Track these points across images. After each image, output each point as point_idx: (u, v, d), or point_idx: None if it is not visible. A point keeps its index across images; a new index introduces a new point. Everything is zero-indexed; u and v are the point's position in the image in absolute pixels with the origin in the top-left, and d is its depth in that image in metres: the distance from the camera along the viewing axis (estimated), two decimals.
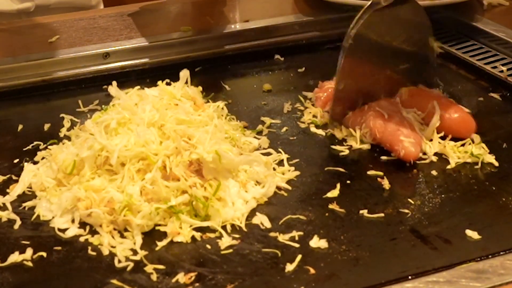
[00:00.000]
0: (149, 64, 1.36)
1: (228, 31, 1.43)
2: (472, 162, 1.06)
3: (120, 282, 0.85)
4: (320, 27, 1.47)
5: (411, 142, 1.05)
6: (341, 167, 1.06)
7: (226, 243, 0.91)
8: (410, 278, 0.84)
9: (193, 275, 0.86)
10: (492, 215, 0.95)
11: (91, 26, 1.44)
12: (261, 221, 0.94)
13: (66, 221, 0.95)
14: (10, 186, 1.02)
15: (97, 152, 0.97)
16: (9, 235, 0.93)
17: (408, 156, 1.04)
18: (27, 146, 1.11)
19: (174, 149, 0.97)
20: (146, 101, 1.04)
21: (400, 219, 0.95)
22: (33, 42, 1.38)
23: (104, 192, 0.94)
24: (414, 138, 1.06)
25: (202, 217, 0.94)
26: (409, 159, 1.04)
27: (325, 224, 0.94)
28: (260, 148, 1.10)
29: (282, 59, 1.41)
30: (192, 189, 0.95)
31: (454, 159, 1.06)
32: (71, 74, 1.32)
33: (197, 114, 1.06)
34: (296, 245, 0.90)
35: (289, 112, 1.21)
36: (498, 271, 0.83)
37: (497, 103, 1.22)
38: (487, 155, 1.06)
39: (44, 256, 0.90)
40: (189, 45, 1.39)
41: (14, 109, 1.26)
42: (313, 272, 0.86)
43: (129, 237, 0.92)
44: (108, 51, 1.34)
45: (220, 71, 1.37)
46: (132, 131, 0.99)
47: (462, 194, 1.00)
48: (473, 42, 1.42)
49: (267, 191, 0.99)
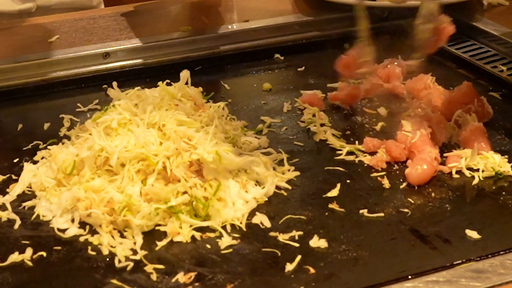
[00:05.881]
0: (149, 64, 1.36)
1: (228, 31, 1.43)
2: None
3: (120, 282, 0.85)
4: (320, 27, 1.47)
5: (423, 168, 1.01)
6: (341, 166, 1.06)
7: (226, 242, 0.91)
8: (410, 278, 0.84)
9: (192, 274, 0.86)
10: (492, 215, 0.95)
11: (91, 26, 1.44)
12: (261, 220, 0.94)
13: (66, 221, 0.95)
14: (10, 186, 1.02)
15: (97, 152, 0.97)
16: (9, 235, 0.93)
17: (416, 181, 1.01)
18: (27, 146, 1.12)
19: (175, 150, 0.97)
20: (146, 102, 1.04)
21: (400, 219, 0.95)
22: (33, 42, 1.38)
23: (104, 193, 0.94)
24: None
25: (202, 217, 0.94)
26: (415, 182, 1.01)
27: (325, 224, 0.94)
28: (260, 147, 1.10)
29: (282, 58, 1.41)
30: (192, 190, 0.95)
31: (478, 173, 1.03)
32: (71, 74, 1.32)
33: (198, 114, 1.06)
34: (296, 244, 0.90)
35: (289, 111, 1.21)
36: (498, 270, 0.83)
37: (497, 103, 1.22)
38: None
39: (44, 256, 0.90)
40: (189, 45, 1.39)
41: (14, 109, 1.26)
42: (313, 271, 0.86)
43: (129, 237, 0.92)
44: (108, 51, 1.35)
45: (219, 71, 1.37)
46: (132, 132, 0.99)
47: (462, 194, 1.00)
48: (473, 42, 1.42)
49: (267, 191, 0.99)
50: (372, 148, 1.08)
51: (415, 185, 1.01)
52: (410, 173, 1.01)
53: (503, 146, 1.09)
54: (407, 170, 1.02)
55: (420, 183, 1.01)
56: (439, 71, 1.28)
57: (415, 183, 1.01)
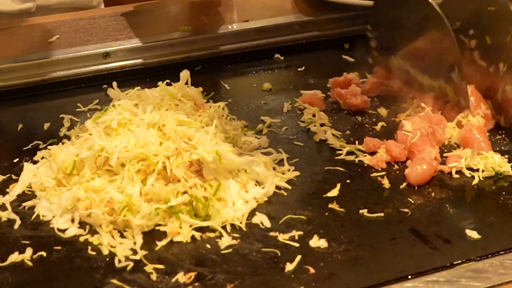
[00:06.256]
0: (149, 63, 1.36)
1: (228, 30, 1.43)
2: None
3: (120, 282, 0.85)
4: (320, 27, 1.47)
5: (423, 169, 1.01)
6: (341, 166, 1.06)
7: (226, 242, 0.91)
8: (410, 278, 0.84)
9: (192, 274, 0.86)
10: (492, 215, 0.95)
11: (91, 26, 1.44)
12: (261, 220, 0.95)
13: (66, 221, 0.95)
14: (10, 186, 1.02)
15: (97, 152, 0.97)
16: (9, 235, 0.93)
17: (416, 181, 1.01)
18: (27, 146, 1.12)
19: (175, 150, 0.97)
20: (146, 102, 1.04)
21: (400, 218, 0.95)
22: (33, 42, 1.38)
23: (104, 193, 0.94)
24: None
25: (202, 217, 0.94)
26: (414, 182, 1.01)
27: (325, 224, 0.94)
28: (260, 147, 1.10)
29: (282, 58, 1.41)
30: (192, 190, 0.95)
31: (477, 173, 1.03)
32: (71, 74, 1.32)
33: (198, 114, 1.06)
34: (296, 244, 0.90)
35: (289, 111, 1.21)
36: (498, 270, 0.83)
37: None
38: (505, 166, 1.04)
39: (44, 256, 0.90)
40: (189, 44, 1.39)
41: (14, 109, 1.26)
42: (312, 271, 0.86)
43: (129, 237, 0.92)
44: (108, 51, 1.35)
45: (220, 71, 1.37)
46: (132, 132, 0.99)
47: (462, 194, 1.00)
48: None
49: (267, 191, 0.99)
50: (372, 148, 1.08)
51: (415, 185, 1.01)
52: (410, 173, 1.01)
53: (503, 146, 1.09)
54: (407, 170, 1.02)
55: (420, 183, 1.01)
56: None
57: (415, 183, 1.01)
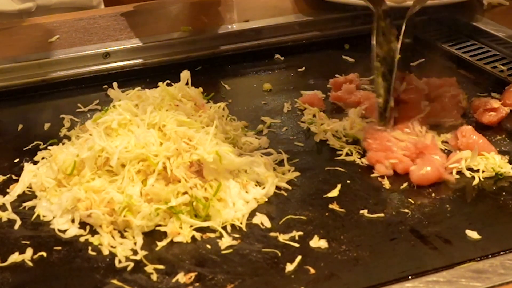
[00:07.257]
0: (149, 64, 1.36)
1: (228, 31, 1.44)
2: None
3: (120, 282, 0.85)
4: (320, 27, 1.47)
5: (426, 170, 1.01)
6: (341, 167, 1.06)
7: (226, 243, 0.91)
8: (410, 278, 0.84)
9: (193, 275, 0.86)
10: (492, 215, 0.95)
11: (91, 26, 1.44)
12: (261, 221, 0.95)
13: (66, 221, 0.95)
14: (10, 186, 1.02)
15: (97, 153, 0.97)
16: (9, 235, 0.93)
17: (417, 180, 1.01)
18: (27, 146, 1.12)
19: (175, 151, 0.97)
20: (146, 102, 1.04)
21: (400, 219, 0.95)
22: (33, 42, 1.38)
23: (104, 193, 0.94)
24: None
25: (202, 218, 0.94)
26: (416, 181, 1.01)
27: (325, 224, 0.94)
28: (260, 148, 1.10)
29: (282, 58, 1.41)
30: (192, 190, 0.95)
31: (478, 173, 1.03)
32: (71, 74, 1.32)
33: (198, 115, 1.06)
34: (296, 245, 0.90)
35: (289, 111, 1.21)
36: (498, 271, 0.83)
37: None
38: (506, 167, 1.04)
39: (44, 256, 0.90)
40: (189, 45, 1.39)
41: (14, 109, 1.26)
42: (313, 272, 0.86)
43: (129, 237, 0.92)
44: (108, 51, 1.35)
45: (220, 71, 1.37)
46: (132, 132, 0.99)
47: (462, 194, 1.00)
48: (473, 42, 1.42)
49: (267, 191, 0.99)
50: (375, 163, 1.05)
51: (415, 185, 1.01)
52: (414, 171, 1.01)
53: (503, 147, 1.09)
54: (412, 167, 1.02)
55: (421, 183, 1.01)
56: (439, 71, 1.28)
57: (416, 182, 1.01)
